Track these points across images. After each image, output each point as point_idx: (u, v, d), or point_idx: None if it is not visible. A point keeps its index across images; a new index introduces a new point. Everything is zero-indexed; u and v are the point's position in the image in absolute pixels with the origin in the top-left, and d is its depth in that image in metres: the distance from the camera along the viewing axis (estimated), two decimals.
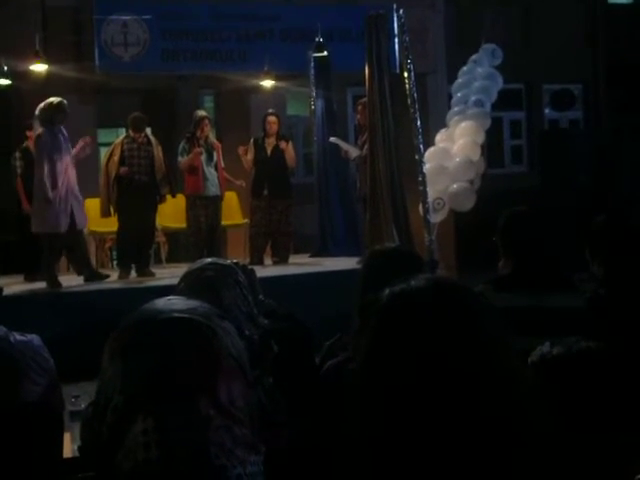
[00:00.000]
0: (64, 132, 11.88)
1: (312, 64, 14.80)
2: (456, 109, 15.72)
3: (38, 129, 11.66)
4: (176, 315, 1.87)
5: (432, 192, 13.97)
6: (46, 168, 11.40)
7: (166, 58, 15.72)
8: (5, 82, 13.88)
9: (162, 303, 1.94)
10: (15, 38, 14.08)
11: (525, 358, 2.76)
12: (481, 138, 15.26)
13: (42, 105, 11.77)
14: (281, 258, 13.52)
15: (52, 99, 11.87)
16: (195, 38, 15.82)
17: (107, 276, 12.00)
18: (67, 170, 11.72)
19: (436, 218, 14.05)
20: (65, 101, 12.01)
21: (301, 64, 14.90)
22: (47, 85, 14.54)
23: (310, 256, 14.39)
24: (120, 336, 1.88)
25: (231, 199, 14.80)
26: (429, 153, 14.79)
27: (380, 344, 1.67)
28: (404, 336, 1.64)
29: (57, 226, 11.40)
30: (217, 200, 12.98)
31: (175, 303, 1.94)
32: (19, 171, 12.50)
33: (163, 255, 14.82)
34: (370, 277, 3.84)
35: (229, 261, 3.96)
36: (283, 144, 13.49)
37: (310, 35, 14.84)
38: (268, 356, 3.56)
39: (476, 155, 15.08)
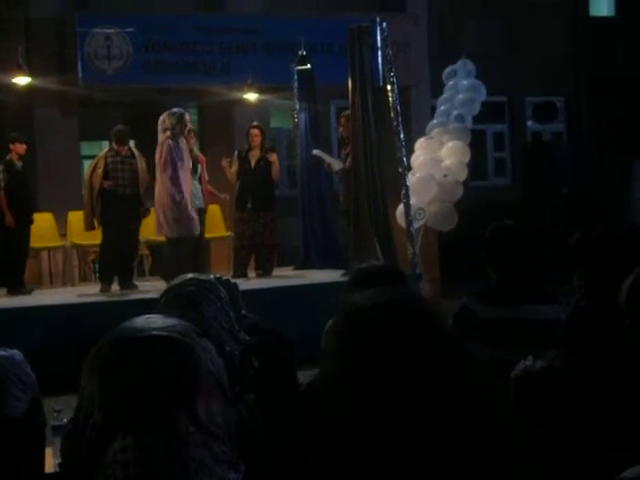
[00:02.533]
0: (184, 142, 12.09)
1: (295, 77, 14.81)
2: (436, 121, 15.78)
3: (161, 137, 11.92)
4: (154, 333, 1.88)
5: (417, 202, 14.00)
6: (171, 175, 11.73)
7: (149, 71, 15.73)
8: None
9: (140, 321, 1.94)
10: None
11: (507, 370, 2.77)
12: (467, 158, 15.32)
13: (164, 115, 12.10)
14: (265, 271, 13.51)
15: (174, 110, 12.16)
16: (178, 51, 15.84)
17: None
18: (187, 179, 12.02)
19: (416, 225, 14.02)
20: (187, 114, 12.20)
21: (284, 77, 14.91)
22: (30, 98, 14.54)
23: (294, 269, 14.38)
24: (98, 354, 1.88)
25: (215, 212, 14.82)
26: (419, 163, 14.83)
27: (335, 359, 1.68)
28: (359, 352, 1.66)
29: (192, 229, 11.96)
30: (201, 213, 12.96)
31: (153, 321, 1.94)
32: (2, 184, 12.46)
33: (146, 268, 14.79)
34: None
35: (211, 276, 3.96)
36: (273, 156, 13.50)
37: (293, 48, 14.87)
38: (249, 372, 3.56)
39: (463, 176, 15.14)
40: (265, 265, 13.59)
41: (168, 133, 11.96)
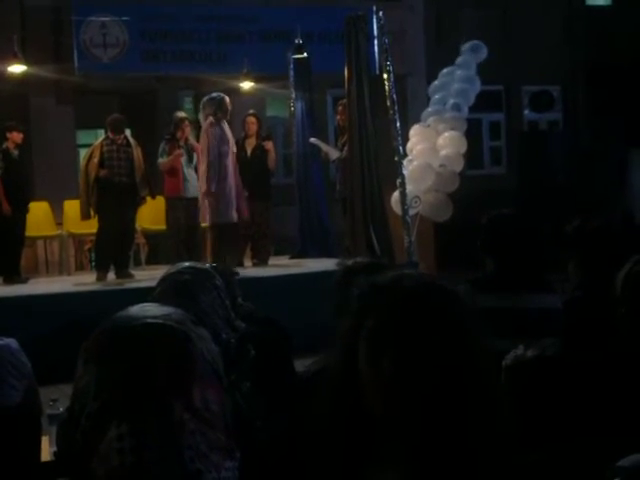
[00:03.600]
0: (227, 127, 12.23)
1: (292, 65, 14.81)
2: (431, 109, 15.75)
3: (205, 124, 12.05)
4: (150, 321, 1.88)
5: (413, 190, 14.00)
6: (216, 161, 11.91)
7: (145, 59, 15.72)
8: None
9: (136, 309, 1.94)
10: None
11: (503, 359, 2.77)
12: (464, 148, 15.31)
13: (204, 101, 12.19)
14: (261, 260, 13.50)
15: (213, 95, 12.23)
16: (174, 39, 15.83)
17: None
18: (232, 164, 12.18)
19: (411, 213, 14.02)
20: (227, 98, 12.23)
21: (281, 65, 14.90)
22: (26, 86, 14.52)
23: (290, 258, 14.39)
24: (94, 342, 1.88)
25: None
26: (416, 151, 14.82)
27: (359, 334, 1.68)
28: (381, 328, 1.66)
29: (229, 216, 12.06)
30: (196, 202, 12.95)
31: (149, 309, 1.94)
32: None
33: (142, 257, 14.79)
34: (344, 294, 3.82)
35: (207, 265, 3.97)
36: (269, 144, 13.49)
37: (289, 37, 14.86)
38: (245, 360, 3.56)
39: (460, 166, 15.14)
40: (261, 254, 13.58)
41: (211, 119, 12.01)
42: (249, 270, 12.67)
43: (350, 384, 1.66)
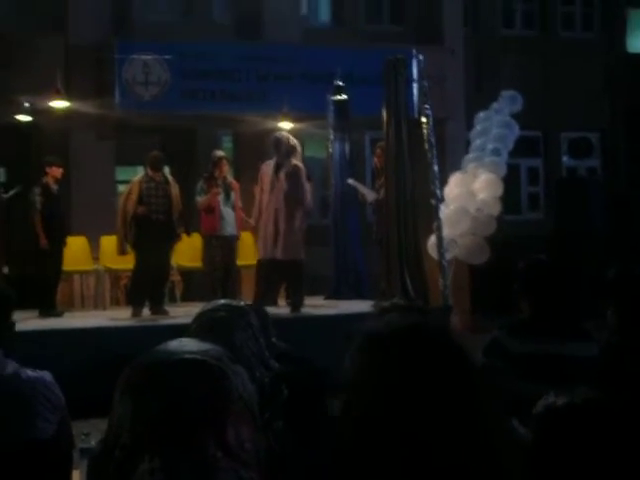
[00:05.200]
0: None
1: (331, 107, 14.85)
2: (472, 155, 15.75)
3: (293, 160, 12.29)
4: (187, 356, 1.88)
5: (449, 234, 13.97)
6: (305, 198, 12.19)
7: (186, 98, 15.82)
8: (26, 119, 13.98)
9: (174, 344, 1.94)
10: (38, 75, 14.20)
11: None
12: (501, 192, 15.28)
13: (286, 137, 12.48)
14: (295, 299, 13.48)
15: (286, 136, 12.55)
16: (215, 78, 15.94)
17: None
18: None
19: (448, 257, 14.00)
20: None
21: (319, 106, 14.95)
22: (67, 122, 14.67)
23: (325, 298, 14.37)
24: (131, 376, 1.88)
25: (247, 239, 14.81)
26: (453, 195, 14.81)
27: (356, 376, 1.69)
28: (375, 370, 1.67)
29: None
30: (233, 240, 12.99)
31: (187, 344, 1.94)
32: (38, 207, 12.55)
33: (178, 294, 14.83)
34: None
35: (242, 303, 3.97)
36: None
37: (329, 78, 14.91)
38: (278, 399, 3.55)
39: (497, 210, 15.11)
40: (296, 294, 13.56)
41: (299, 157, 12.20)
42: (284, 310, 12.65)
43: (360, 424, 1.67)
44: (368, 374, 1.68)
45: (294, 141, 12.32)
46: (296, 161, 12.25)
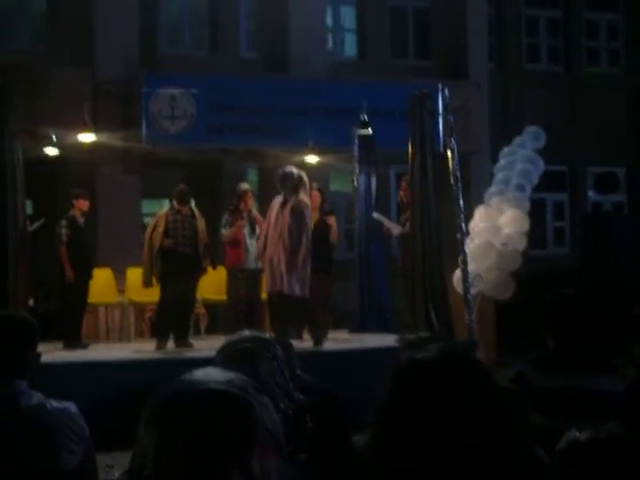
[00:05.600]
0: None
1: (356, 140, 14.88)
2: (495, 189, 15.74)
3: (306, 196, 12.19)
4: (213, 387, 1.88)
5: (475, 268, 13.94)
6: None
7: (211, 131, 15.90)
8: (53, 152, 14.08)
9: (199, 374, 1.94)
10: (65, 108, 14.31)
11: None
12: (527, 227, 15.25)
13: (299, 173, 12.27)
14: (320, 333, 13.46)
15: (294, 170, 12.28)
16: (241, 112, 16.00)
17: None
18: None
19: (473, 292, 13.98)
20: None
21: (345, 140, 14.98)
22: (94, 155, 14.76)
23: (349, 332, 14.34)
24: (156, 406, 1.88)
25: None
26: (478, 230, 14.79)
27: (388, 412, 1.68)
28: (409, 405, 1.66)
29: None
30: (258, 273, 12.99)
31: (212, 375, 1.94)
32: (64, 239, 12.62)
33: (202, 327, 14.84)
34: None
35: (267, 335, 3.97)
36: (331, 219, 13.55)
37: (354, 112, 14.94)
38: (302, 431, 3.54)
39: (522, 245, 15.07)
40: (320, 328, 13.54)
41: (306, 192, 12.21)
42: (308, 343, 12.64)
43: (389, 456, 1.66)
44: (402, 406, 1.68)
45: (302, 175, 12.29)
46: (303, 196, 12.21)
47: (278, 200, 12.34)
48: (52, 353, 11.49)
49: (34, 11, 19.17)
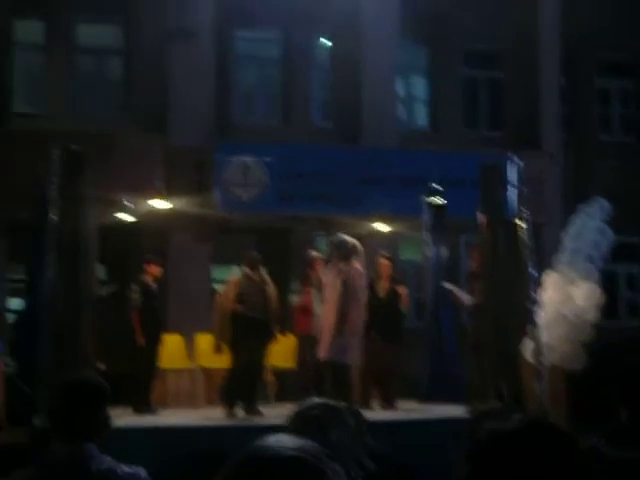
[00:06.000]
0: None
1: (426, 209, 14.89)
2: (564, 259, 15.60)
3: (340, 264, 11.97)
4: (285, 453, 1.88)
5: (546, 339, 13.79)
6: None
7: (283, 199, 16.00)
8: (127, 218, 14.26)
9: (271, 440, 1.94)
10: (139, 175, 14.52)
11: None
12: (599, 299, 15.08)
13: (337, 242, 12.16)
14: (389, 402, 13.39)
15: (348, 238, 12.20)
16: (312, 181, 16.10)
17: None
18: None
19: (543, 361, 13.79)
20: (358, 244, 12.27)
21: (415, 209, 14.99)
22: (167, 221, 14.93)
23: (418, 401, 14.22)
24: (229, 471, 1.89)
25: None
26: (549, 300, 14.65)
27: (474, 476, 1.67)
28: (492, 476, 1.64)
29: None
30: None
31: (284, 441, 1.94)
32: (136, 304, 12.74)
33: (271, 394, 14.81)
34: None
35: (338, 402, 3.95)
36: (401, 288, 13.54)
37: (425, 181, 14.98)
38: None
39: (594, 316, 14.90)
40: (389, 397, 13.48)
41: (360, 259, 12.18)
42: (376, 412, 12.55)
43: None
44: (489, 474, 1.66)
45: (356, 244, 12.27)
46: (356, 264, 12.16)
47: (332, 268, 12.35)
48: (122, 418, 11.54)
49: (111, 80, 19.59)
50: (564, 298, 14.77)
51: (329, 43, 19.19)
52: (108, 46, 19.47)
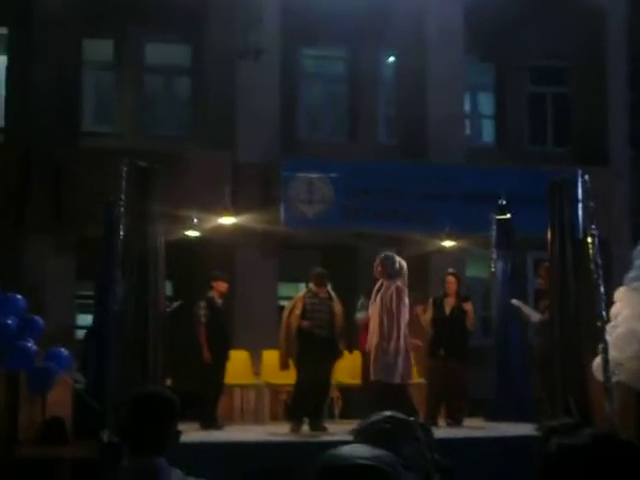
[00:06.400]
0: None
1: (494, 226, 14.81)
2: (632, 275, 15.38)
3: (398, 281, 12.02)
4: (361, 462, 1.87)
5: (616, 357, 13.60)
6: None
7: (348, 216, 16.00)
8: (194, 234, 14.34)
9: (347, 449, 1.94)
10: (206, 192, 14.61)
11: None
12: None
13: (397, 259, 12.20)
14: (455, 420, 13.31)
15: (396, 257, 12.37)
16: (378, 197, 16.09)
17: None
18: None
19: (613, 380, 13.61)
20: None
21: (482, 226, 14.92)
22: (233, 237, 15.01)
23: (485, 420, 14.12)
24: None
25: None
26: (621, 317, 14.46)
27: None
28: None
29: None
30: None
31: (359, 450, 1.93)
32: (203, 320, 12.80)
33: (337, 410, 14.78)
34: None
35: (408, 417, 3.93)
36: (468, 305, 13.47)
37: (492, 198, 14.90)
38: None
39: None
40: (456, 414, 13.39)
41: (405, 278, 12.17)
42: (443, 430, 12.47)
43: None
44: None
45: (402, 263, 12.25)
46: (400, 282, 12.14)
47: (378, 286, 12.33)
48: (189, 433, 11.60)
49: (179, 98, 19.80)
50: (635, 314, 14.57)
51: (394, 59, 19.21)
52: (176, 65, 19.68)
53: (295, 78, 19.12)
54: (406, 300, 12.11)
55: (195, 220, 13.98)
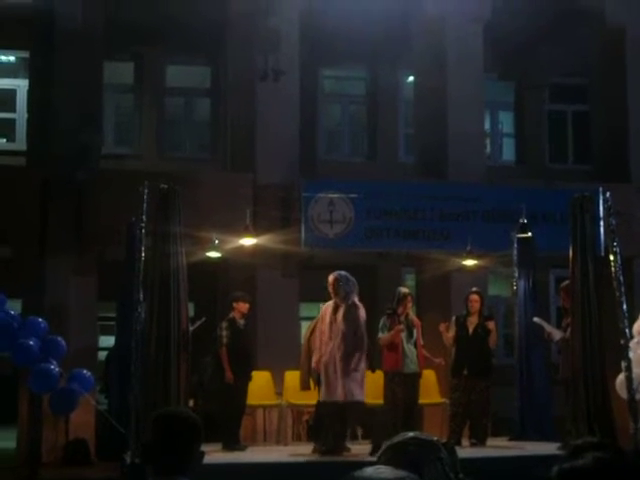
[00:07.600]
0: None
1: (515, 244, 14.78)
2: None
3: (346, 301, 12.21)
4: None
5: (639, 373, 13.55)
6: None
7: (369, 236, 15.99)
8: (215, 255, 14.36)
9: (370, 471, 1.94)
10: (227, 213, 14.65)
11: None
12: None
13: (337, 279, 12.35)
14: (479, 440, 13.25)
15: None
16: (399, 217, 16.06)
17: None
18: None
19: (637, 398, 13.54)
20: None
21: (503, 244, 14.90)
22: (254, 258, 15.02)
23: (509, 439, 14.06)
24: None
25: (429, 377, 14.70)
26: None
27: None
28: None
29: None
30: (415, 377, 12.92)
31: (383, 471, 1.94)
32: (225, 341, 12.81)
33: (359, 431, 14.75)
34: None
35: (432, 437, 3.91)
36: (491, 324, 13.45)
37: (512, 216, 14.89)
38: None
39: None
40: (479, 434, 13.34)
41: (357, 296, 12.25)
42: (467, 450, 12.43)
43: None
44: None
45: (352, 280, 12.27)
46: (355, 300, 12.17)
47: (329, 307, 12.32)
48: (211, 454, 11.60)
49: (199, 120, 19.91)
50: None
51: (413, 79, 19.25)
52: (196, 87, 19.80)
53: (315, 99, 19.20)
54: (361, 318, 12.14)
55: (216, 241, 14.00)
